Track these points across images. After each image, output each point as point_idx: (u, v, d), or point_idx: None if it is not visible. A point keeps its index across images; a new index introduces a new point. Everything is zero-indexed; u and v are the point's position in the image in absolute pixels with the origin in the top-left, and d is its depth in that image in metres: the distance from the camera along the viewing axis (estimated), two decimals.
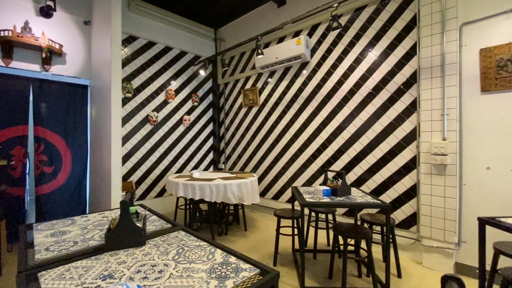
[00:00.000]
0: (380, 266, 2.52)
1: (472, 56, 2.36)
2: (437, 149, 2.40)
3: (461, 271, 2.38)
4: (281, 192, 4.10)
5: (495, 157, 2.24)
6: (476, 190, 2.33)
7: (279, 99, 4.10)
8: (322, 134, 3.54)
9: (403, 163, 2.79)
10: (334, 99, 3.40)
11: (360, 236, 2.05)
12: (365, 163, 3.10)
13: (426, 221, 2.51)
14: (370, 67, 3.06)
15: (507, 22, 2.21)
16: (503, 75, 2.20)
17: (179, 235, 1.43)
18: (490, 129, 2.27)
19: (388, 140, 2.90)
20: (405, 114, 2.78)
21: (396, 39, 2.86)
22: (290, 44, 3.67)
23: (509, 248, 1.74)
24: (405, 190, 2.78)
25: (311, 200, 2.20)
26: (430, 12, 2.52)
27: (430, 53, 2.52)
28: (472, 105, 2.36)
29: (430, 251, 2.49)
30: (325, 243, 3.10)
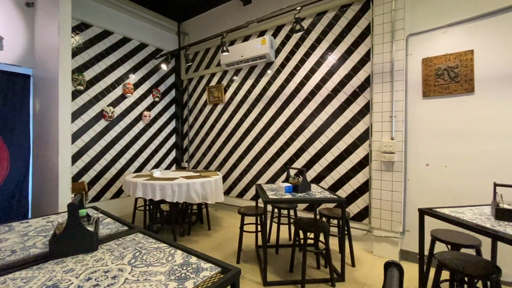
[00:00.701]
0: (336, 257, 2.70)
1: (416, 64, 2.64)
2: (386, 147, 2.64)
3: (405, 257, 2.66)
4: (245, 190, 4.14)
5: (433, 155, 2.54)
6: (417, 184, 2.62)
7: (244, 98, 4.11)
8: (285, 133, 3.65)
9: (357, 161, 3.01)
10: (297, 100, 3.53)
11: (318, 229, 2.17)
12: (324, 161, 3.28)
13: (376, 214, 2.75)
14: (330, 70, 3.24)
15: (444, 36, 2.51)
16: (440, 83, 2.50)
17: (136, 238, 1.36)
18: (429, 130, 2.57)
19: (345, 139, 3.11)
20: (360, 115, 3.00)
21: (353, 45, 3.07)
22: (255, 43, 3.70)
23: (443, 235, 2.00)
24: (359, 185, 3.01)
25: (274, 197, 2.26)
26: (382, 22, 2.75)
27: (381, 60, 2.75)
28: (415, 108, 2.64)
29: (379, 240, 2.73)
30: (287, 238, 3.21)
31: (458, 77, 2.41)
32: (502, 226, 1.56)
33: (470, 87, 2.35)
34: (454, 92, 2.43)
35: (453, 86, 2.43)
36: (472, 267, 1.50)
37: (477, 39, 2.35)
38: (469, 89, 2.36)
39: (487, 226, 1.55)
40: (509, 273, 2.20)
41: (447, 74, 2.46)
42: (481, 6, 2.32)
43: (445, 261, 1.57)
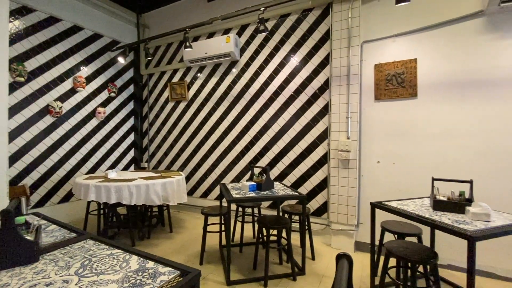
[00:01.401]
0: (298, 252, 2.80)
1: (369, 69, 2.85)
2: (343, 146, 2.82)
3: (359, 247, 2.87)
4: (210, 190, 4.07)
5: (383, 153, 2.78)
6: (370, 180, 2.85)
7: (208, 95, 4.04)
8: (250, 132, 3.67)
9: (317, 159, 3.17)
10: (261, 99, 3.57)
11: (280, 226, 2.23)
12: (287, 159, 3.38)
13: (334, 208, 2.92)
14: (292, 71, 3.34)
15: (393, 45, 2.75)
16: (390, 87, 2.75)
17: (85, 245, 1.26)
18: (380, 130, 2.80)
19: (306, 138, 3.24)
20: (319, 116, 3.16)
21: (314, 48, 3.20)
22: (220, 41, 3.65)
23: (391, 226, 2.20)
24: (318, 182, 3.16)
25: (238, 196, 2.26)
26: (340, 28, 2.92)
27: (339, 64, 2.92)
28: (368, 110, 2.86)
29: (337, 233, 2.91)
30: (252, 236, 3.24)
31: (404, 82, 2.66)
32: (438, 215, 1.77)
33: (414, 92, 2.63)
34: (400, 96, 2.69)
35: (400, 91, 2.69)
36: (414, 254, 1.67)
37: (420, 49, 2.62)
38: (413, 93, 2.63)
39: (426, 216, 1.75)
40: (444, 257, 2.51)
41: (395, 80, 2.70)
42: (423, 20, 2.59)
43: (392, 250, 1.74)
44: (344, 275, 0.59)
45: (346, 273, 0.61)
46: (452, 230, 1.51)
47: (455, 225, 1.56)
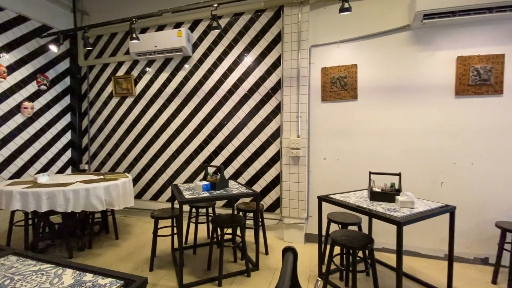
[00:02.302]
0: (253, 248, 2.86)
1: (317, 72, 3.04)
2: (294, 144, 2.96)
3: (309, 239, 3.06)
4: (161, 192, 3.87)
5: (329, 150, 3.01)
6: (317, 175, 3.05)
7: (159, 91, 3.82)
8: (204, 130, 3.60)
9: (271, 156, 3.27)
10: (215, 97, 3.52)
11: (235, 224, 2.24)
12: (242, 157, 3.41)
13: (286, 203, 3.05)
14: (246, 70, 3.37)
15: (337, 50, 2.98)
16: (334, 89, 2.97)
17: (7, 262, 1.08)
18: (326, 129, 3.02)
19: (260, 136, 3.31)
20: (272, 115, 3.26)
21: (266, 49, 3.28)
22: (171, 35, 3.48)
23: (335, 217, 2.39)
24: (272, 179, 3.27)
25: (190, 196, 2.20)
26: (290, 31, 3.04)
27: (290, 66, 3.05)
28: (316, 111, 3.05)
29: (289, 227, 3.05)
30: (207, 236, 3.18)
31: (347, 85, 2.92)
32: (374, 205, 1.99)
33: (355, 94, 2.89)
34: (343, 98, 2.93)
35: (343, 93, 2.93)
36: (354, 241, 1.85)
37: (360, 56, 2.89)
38: (354, 96, 2.89)
39: (364, 206, 1.95)
40: (380, 242, 2.83)
41: (339, 83, 2.94)
42: (362, 29, 2.87)
43: (336, 239, 1.89)
44: (289, 268, 0.63)
45: (290, 265, 0.64)
46: (384, 218, 1.72)
47: (387, 213, 1.77)
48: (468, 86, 2.54)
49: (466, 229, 2.59)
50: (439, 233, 2.64)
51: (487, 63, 2.49)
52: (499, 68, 2.46)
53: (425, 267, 2.51)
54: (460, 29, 2.58)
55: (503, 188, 2.49)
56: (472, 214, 2.57)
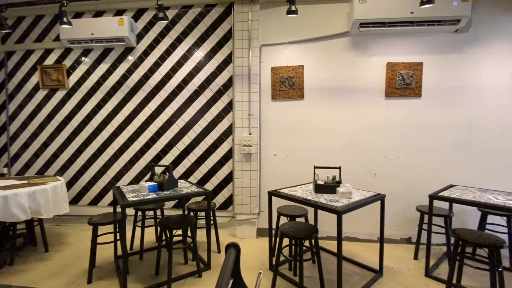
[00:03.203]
0: (205, 248, 2.81)
1: (267, 71, 3.12)
2: (246, 141, 2.99)
3: (261, 233, 3.14)
4: (101, 195, 3.52)
5: (279, 147, 3.12)
6: (269, 171, 3.14)
7: (97, 84, 3.45)
8: (151, 128, 3.38)
9: (223, 154, 3.24)
10: (163, 92, 3.34)
11: (184, 225, 2.17)
12: (193, 156, 3.31)
13: (238, 200, 3.07)
14: (196, 66, 3.27)
15: (286, 51, 3.10)
16: (283, 89, 3.09)
17: None
18: (276, 127, 3.12)
19: (212, 134, 3.26)
20: (224, 112, 3.23)
21: (217, 45, 3.23)
22: (111, 22, 3.17)
23: (284, 210, 2.49)
24: (224, 176, 3.25)
25: (135, 198, 2.05)
26: (241, 29, 3.05)
27: (241, 63, 3.06)
28: (267, 109, 3.13)
29: (241, 224, 3.08)
30: (155, 240, 3.01)
31: (295, 85, 3.06)
32: (318, 197, 2.13)
33: (302, 94, 3.05)
34: (292, 97, 3.07)
35: (291, 92, 3.07)
36: (300, 232, 1.96)
37: (306, 57, 3.06)
38: (301, 95, 3.05)
39: (309, 198, 2.08)
40: (324, 230, 3.06)
41: (288, 82, 3.07)
42: (308, 32, 3.03)
43: (284, 231, 1.98)
44: (230, 264, 0.63)
45: (232, 262, 0.64)
46: (326, 208, 1.86)
47: (329, 204, 1.92)
48: (395, 89, 2.91)
49: (394, 213, 2.97)
50: (373, 219, 2.98)
51: (410, 69, 2.88)
52: (419, 74, 2.87)
53: (362, 250, 2.80)
54: (390, 39, 2.93)
55: (422, 177, 2.92)
56: (398, 201, 2.96)
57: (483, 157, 2.84)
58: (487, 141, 2.84)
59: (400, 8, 2.65)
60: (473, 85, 2.83)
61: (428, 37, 2.88)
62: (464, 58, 2.84)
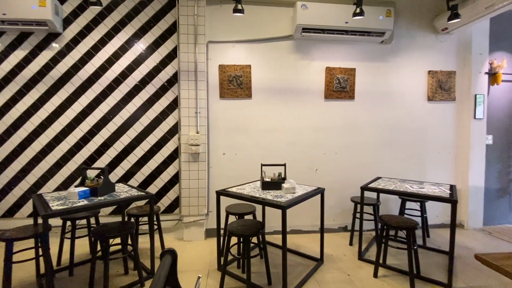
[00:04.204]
0: (148, 255, 2.62)
1: (215, 69, 3.07)
2: (193, 140, 2.89)
3: (210, 234, 3.08)
4: (19, 205, 2.99)
5: (227, 145, 3.11)
6: (217, 170, 3.10)
7: (12, 74, 2.90)
8: (82, 126, 3.00)
9: (168, 154, 3.08)
10: (97, 86, 2.99)
11: (123, 233, 1.99)
12: (133, 157, 3.05)
13: (186, 202, 2.96)
14: (137, 59, 3.02)
15: (233, 49, 3.09)
16: (231, 87, 3.08)
17: None
18: (225, 125, 3.10)
19: (155, 133, 3.06)
20: (169, 110, 3.07)
21: (161, 38, 3.04)
22: (29, 2, 2.69)
23: (233, 209, 2.49)
24: (169, 178, 3.09)
25: (60, 207, 1.79)
26: (186, 23, 2.93)
27: (187, 59, 2.94)
28: (215, 107, 3.08)
29: (189, 226, 2.98)
30: (89, 252, 2.69)
31: (242, 84, 3.08)
32: (265, 194, 2.19)
33: (249, 93, 3.09)
34: (240, 96, 3.09)
35: (239, 91, 3.08)
36: (248, 229, 1.99)
37: (253, 57, 3.11)
38: (249, 94, 3.09)
39: (257, 196, 2.12)
40: (272, 226, 3.17)
41: (236, 81, 3.07)
42: (255, 33, 3.08)
43: (232, 229, 1.98)
44: (163, 271, 0.59)
45: (166, 269, 0.61)
46: (272, 204, 1.92)
47: (274, 200, 1.99)
48: (333, 91, 3.17)
49: (333, 205, 3.26)
50: (315, 211, 3.20)
51: (345, 74, 3.18)
52: (352, 79, 3.19)
53: (306, 241, 2.99)
54: (328, 45, 3.18)
55: (356, 171, 3.26)
56: (336, 193, 3.25)
57: (402, 152, 3.32)
58: (405, 138, 3.32)
59: (336, 17, 2.90)
60: (394, 90, 3.28)
61: (360, 46, 3.22)
62: (388, 66, 3.26)
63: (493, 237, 3.11)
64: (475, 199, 3.35)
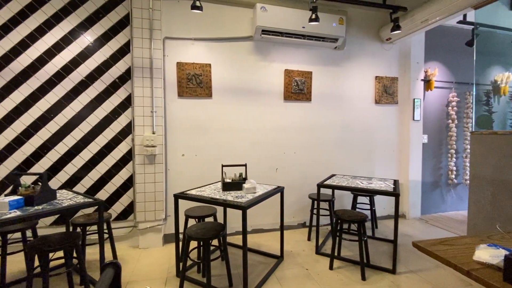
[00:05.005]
0: (98, 266, 2.40)
1: (172, 66, 2.94)
2: (148, 141, 2.73)
3: (168, 240, 2.94)
4: None
5: (187, 146, 3.00)
6: (176, 173, 2.98)
7: None
8: (15, 126, 2.62)
9: (120, 156, 2.85)
10: (34, 81, 2.64)
11: (65, 245, 1.78)
12: (80, 160, 2.76)
13: (141, 207, 2.78)
14: (83, 52, 2.74)
15: (193, 47, 3.00)
16: (191, 86, 2.98)
17: None
18: (184, 125, 2.99)
19: (105, 133, 2.81)
20: (121, 108, 2.85)
21: (111, 31, 2.81)
22: None
23: (192, 212, 2.41)
24: (122, 182, 2.87)
25: None
26: (140, 16, 2.75)
27: (141, 54, 2.76)
28: (173, 106, 2.95)
29: (144, 232, 2.80)
30: (25, 269, 2.36)
31: (202, 83, 3.00)
32: (225, 195, 2.16)
33: (210, 92, 3.03)
34: (200, 95, 3.01)
35: (199, 90, 3.00)
36: (207, 232, 1.94)
37: (214, 56, 3.05)
38: (209, 94, 3.03)
39: (217, 197, 2.08)
40: (234, 226, 3.15)
41: (195, 80, 2.98)
42: (216, 31, 3.03)
43: (191, 233, 1.91)
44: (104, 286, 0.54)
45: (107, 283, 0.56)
46: (232, 205, 1.91)
47: (234, 200, 1.98)
48: (291, 93, 3.28)
49: (292, 202, 3.37)
50: (276, 209, 3.28)
51: (303, 77, 3.31)
52: (309, 81, 3.34)
53: (267, 240, 3.04)
54: (287, 48, 3.27)
55: (313, 169, 3.42)
56: (295, 191, 3.37)
57: (354, 151, 3.58)
58: (356, 138, 3.59)
59: (294, 21, 3.00)
60: (347, 93, 3.52)
61: (316, 51, 3.38)
62: (341, 70, 3.49)
63: (429, 225, 3.54)
64: (415, 192, 3.77)
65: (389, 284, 2.14)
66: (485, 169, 2.35)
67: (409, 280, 2.20)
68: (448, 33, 3.90)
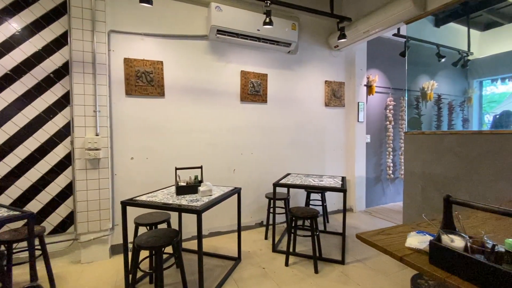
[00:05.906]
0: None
1: (119, 62, 2.71)
2: (91, 144, 2.47)
3: (116, 251, 2.70)
4: None
5: (137, 149, 2.80)
6: (124, 178, 2.76)
7: None
8: None
9: (57, 161, 2.53)
10: None
11: None
12: (4, 166, 2.37)
13: (83, 218, 2.50)
14: (8, 41, 2.36)
15: (142, 43, 2.81)
16: (140, 84, 2.79)
17: None
18: (133, 126, 2.79)
19: (37, 135, 2.46)
20: (57, 107, 2.53)
21: (44, 19, 2.47)
22: None
23: (143, 219, 2.26)
24: (60, 190, 2.54)
25: None
26: (81, 5, 2.48)
27: (82, 48, 2.49)
28: (120, 105, 2.73)
29: (88, 245, 2.53)
30: None
31: (154, 81, 2.84)
32: (179, 199, 2.07)
33: (162, 91, 2.88)
34: (151, 94, 2.83)
35: (150, 89, 2.83)
36: (159, 240, 1.84)
37: (166, 53, 2.91)
38: (161, 93, 2.88)
39: (170, 202, 1.98)
40: (190, 231, 3.04)
41: (145, 78, 2.80)
42: (168, 28, 2.89)
43: (141, 243, 1.79)
44: None
45: None
46: (186, 209, 1.84)
47: (189, 204, 1.91)
48: (248, 94, 3.31)
49: (250, 202, 3.40)
50: (234, 210, 3.27)
51: (258, 79, 3.36)
52: (265, 84, 3.41)
53: (225, 242, 3.01)
54: (243, 49, 3.29)
55: (270, 169, 3.50)
56: (253, 191, 3.41)
57: (306, 150, 3.77)
58: (308, 138, 3.78)
59: (249, 23, 3.03)
60: (299, 96, 3.69)
61: (271, 54, 3.47)
62: (294, 74, 3.64)
63: (373, 216, 3.90)
64: (360, 187, 4.13)
65: (338, 275, 2.30)
66: (416, 164, 2.69)
67: (356, 269, 2.40)
68: (386, 44, 4.37)
